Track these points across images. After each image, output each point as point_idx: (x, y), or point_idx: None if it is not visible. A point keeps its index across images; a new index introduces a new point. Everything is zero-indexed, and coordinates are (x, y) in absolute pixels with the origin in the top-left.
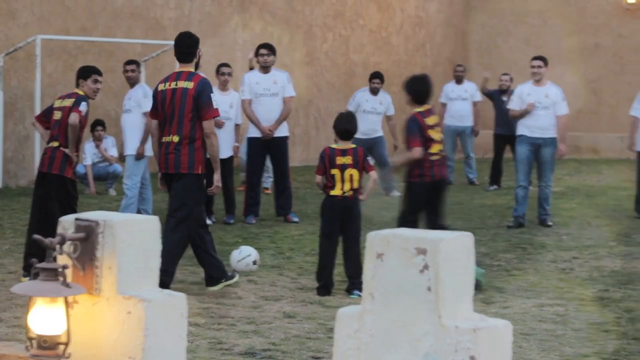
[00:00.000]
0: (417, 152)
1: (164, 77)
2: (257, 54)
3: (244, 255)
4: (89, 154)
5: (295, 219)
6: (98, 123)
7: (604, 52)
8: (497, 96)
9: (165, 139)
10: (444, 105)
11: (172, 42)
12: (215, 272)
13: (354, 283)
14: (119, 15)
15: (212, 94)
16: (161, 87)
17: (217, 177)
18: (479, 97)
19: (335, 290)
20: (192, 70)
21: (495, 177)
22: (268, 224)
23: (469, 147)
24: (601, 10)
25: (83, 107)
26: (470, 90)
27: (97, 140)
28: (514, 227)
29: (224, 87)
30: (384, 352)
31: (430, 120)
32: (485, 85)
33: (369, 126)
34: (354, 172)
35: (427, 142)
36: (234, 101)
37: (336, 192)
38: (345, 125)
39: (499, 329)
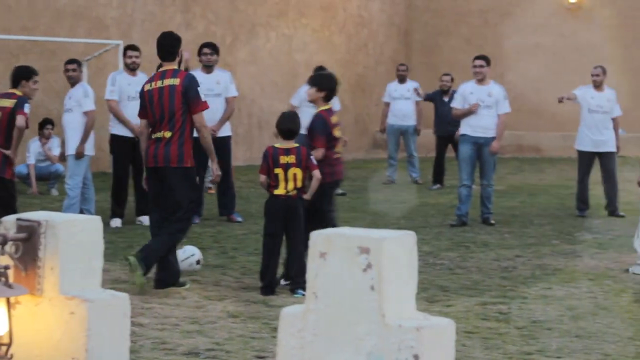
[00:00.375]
0: (321, 152)
1: (150, 77)
2: (200, 54)
3: (187, 255)
4: (32, 152)
5: (239, 219)
6: (48, 122)
7: (545, 51)
8: (437, 97)
9: (157, 134)
10: (387, 104)
11: (115, 42)
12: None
13: (298, 282)
14: (61, 15)
15: (199, 88)
16: (147, 87)
17: (215, 167)
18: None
19: (279, 290)
20: (176, 67)
21: (438, 176)
22: (211, 224)
23: (412, 147)
24: (542, 10)
25: (27, 108)
26: (412, 89)
27: (45, 138)
28: (457, 226)
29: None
30: (328, 351)
31: (334, 119)
32: (420, 93)
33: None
34: (298, 171)
35: (333, 140)
36: None
37: (280, 191)
38: (288, 124)
39: (442, 327)
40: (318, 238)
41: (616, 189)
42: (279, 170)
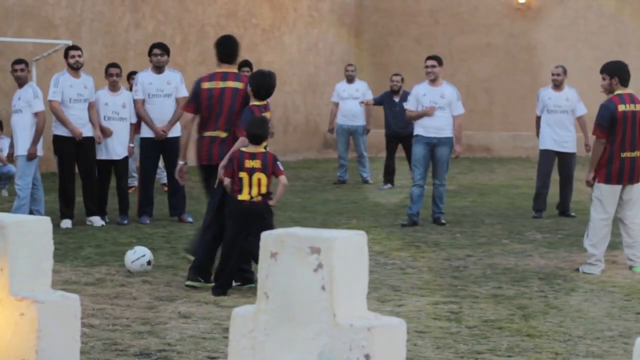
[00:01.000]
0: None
1: (208, 75)
2: (150, 54)
3: (138, 256)
4: None
5: (190, 219)
6: None
7: (496, 51)
8: (387, 98)
9: (210, 133)
10: (335, 104)
11: (64, 42)
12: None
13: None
14: (10, 14)
15: None
16: (207, 85)
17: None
18: (370, 95)
19: (230, 290)
20: (236, 70)
21: (389, 176)
22: (162, 224)
23: (361, 147)
24: (492, 10)
25: None
26: (361, 89)
27: None
28: (408, 226)
29: (114, 87)
30: (279, 351)
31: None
32: (369, 102)
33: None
34: (262, 177)
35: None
36: (126, 101)
37: (243, 196)
38: (256, 129)
39: (394, 327)
40: (269, 238)
41: (572, 190)
42: (243, 174)
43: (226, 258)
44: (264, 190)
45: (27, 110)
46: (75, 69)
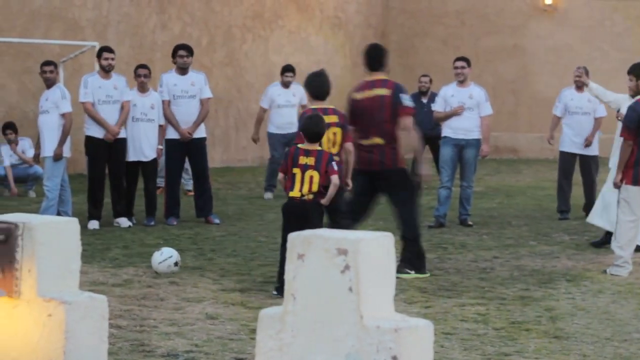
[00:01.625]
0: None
1: (357, 86)
2: (175, 55)
3: (165, 257)
4: (6, 156)
5: (217, 221)
6: (7, 126)
7: (522, 52)
8: (416, 99)
9: (366, 141)
10: None
11: (90, 43)
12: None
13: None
14: (37, 16)
15: (404, 94)
16: (357, 96)
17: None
18: None
19: (256, 292)
20: (384, 77)
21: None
22: (189, 226)
23: None
24: (519, 11)
25: None
26: None
27: (12, 143)
28: (435, 227)
29: (142, 88)
30: (306, 353)
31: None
32: None
33: (284, 120)
34: (315, 174)
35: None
36: (154, 102)
37: (294, 193)
38: (312, 127)
39: (421, 328)
40: (296, 240)
41: (595, 191)
42: (296, 170)
43: (283, 259)
44: (315, 188)
45: (54, 111)
46: (107, 71)
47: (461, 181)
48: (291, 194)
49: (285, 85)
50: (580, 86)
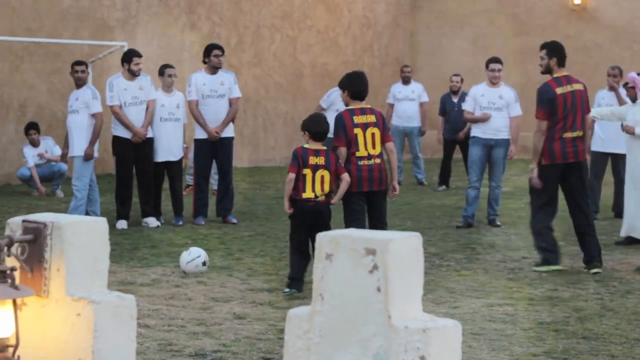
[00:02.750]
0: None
1: (558, 81)
2: (210, 55)
3: (193, 257)
4: (29, 157)
5: (234, 221)
6: (31, 127)
7: None
8: (446, 98)
9: (570, 134)
10: (391, 106)
11: (119, 44)
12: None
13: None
14: (66, 16)
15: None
16: (560, 90)
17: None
18: (425, 97)
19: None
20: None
21: (444, 178)
22: (217, 225)
23: (417, 148)
24: (548, 11)
25: None
26: (417, 90)
27: (34, 144)
28: (463, 227)
29: (168, 88)
30: (334, 353)
31: (360, 119)
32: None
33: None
34: (326, 174)
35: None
36: (180, 102)
37: (308, 194)
38: (317, 126)
39: (449, 329)
40: (324, 239)
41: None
42: (307, 171)
43: (292, 260)
44: (327, 188)
45: (84, 111)
46: (135, 75)
47: (490, 181)
48: (304, 195)
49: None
50: (612, 86)
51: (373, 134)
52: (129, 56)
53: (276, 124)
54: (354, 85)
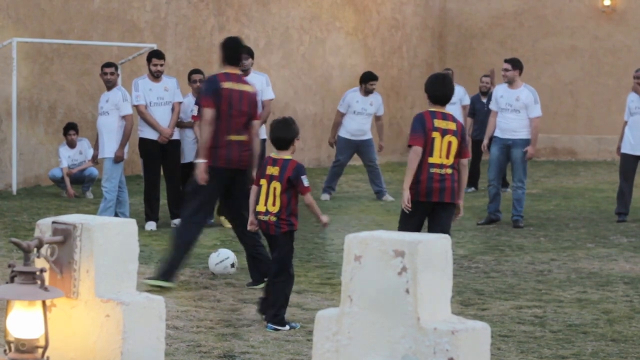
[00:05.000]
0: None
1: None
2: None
3: (222, 258)
4: (64, 157)
5: None
6: (70, 127)
7: (581, 54)
8: (476, 99)
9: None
10: None
11: (149, 45)
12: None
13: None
14: (95, 18)
15: None
16: (227, 85)
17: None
18: (467, 100)
19: (313, 293)
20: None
21: (473, 179)
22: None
23: None
24: (577, 13)
25: None
26: (458, 93)
27: (71, 145)
28: (485, 224)
29: (195, 92)
30: (363, 354)
31: (440, 123)
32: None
33: (357, 127)
34: (277, 186)
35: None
36: None
37: (260, 207)
38: (281, 133)
39: (478, 331)
40: (353, 241)
41: None
42: (262, 182)
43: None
44: (277, 202)
45: (114, 112)
46: (155, 77)
47: (512, 181)
48: (257, 208)
49: (366, 93)
50: (637, 89)
51: (450, 142)
52: (149, 57)
53: (305, 126)
54: (434, 89)
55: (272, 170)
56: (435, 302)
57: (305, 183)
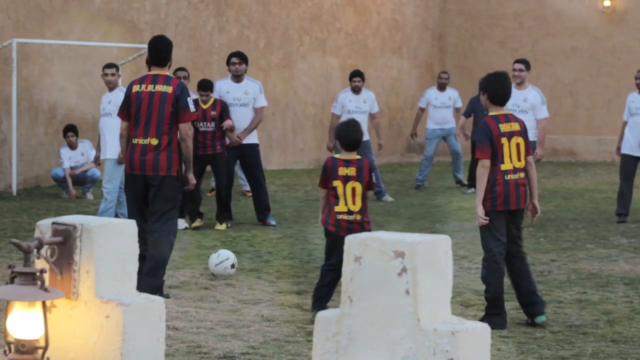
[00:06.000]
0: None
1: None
2: (228, 63)
3: (222, 259)
4: (65, 158)
5: (273, 222)
6: (69, 129)
7: (580, 54)
8: (476, 101)
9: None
10: (422, 109)
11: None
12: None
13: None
14: (95, 19)
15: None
16: (136, 88)
17: (190, 176)
18: (459, 103)
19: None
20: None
21: (473, 180)
22: (246, 228)
23: (457, 146)
24: (577, 13)
25: None
26: (453, 97)
27: (71, 146)
28: None
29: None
30: (363, 355)
31: (505, 127)
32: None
33: None
34: (357, 185)
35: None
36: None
37: (340, 208)
38: (352, 134)
39: (478, 331)
40: (353, 242)
41: None
42: (337, 183)
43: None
44: (358, 201)
45: (116, 113)
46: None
47: None
48: (337, 208)
49: (355, 90)
50: None
51: (518, 144)
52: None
53: (305, 127)
54: (494, 88)
55: (347, 170)
56: (435, 303)
57: (374, 179)
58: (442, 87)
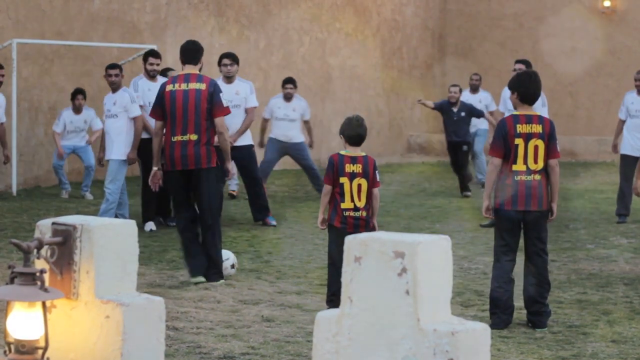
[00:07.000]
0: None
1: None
2: (220, 64)
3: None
4: (63, 121)
5: (273, 222)
6: (79, 92)
7: (580, 55)
8: (446, 107)
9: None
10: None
11: (149, 46)
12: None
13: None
14: (95, 19)
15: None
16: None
17: (229, 167)
18: (494, 107)
19: (313, 294)
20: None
21: (463, 184)
22: (246, 228)
23: (479, 146)
24: (577, 14)
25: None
26: (484, 100)
27: (77, 110)
28: (488, 226)
29: None
30: (363, 356)
31: (524, 128)
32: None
33: (282, 132)
34: (363, 182)
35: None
36: None
37: (346, 205)
38: (357, 130)
39: (478, 332)
40: (353, 242)
41: None
42: (344, 180)
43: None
44: (364, 198)
45: (122, 115)
46: (151, 76)
47: None
48: (343, 205)
49: (286, 98)
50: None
51: (536, 147)
52: (146, 56)
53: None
54: (525, 87)
55: (354, 167)
56: (435, 303)
57: (378, 177)
58: (474, 89)
